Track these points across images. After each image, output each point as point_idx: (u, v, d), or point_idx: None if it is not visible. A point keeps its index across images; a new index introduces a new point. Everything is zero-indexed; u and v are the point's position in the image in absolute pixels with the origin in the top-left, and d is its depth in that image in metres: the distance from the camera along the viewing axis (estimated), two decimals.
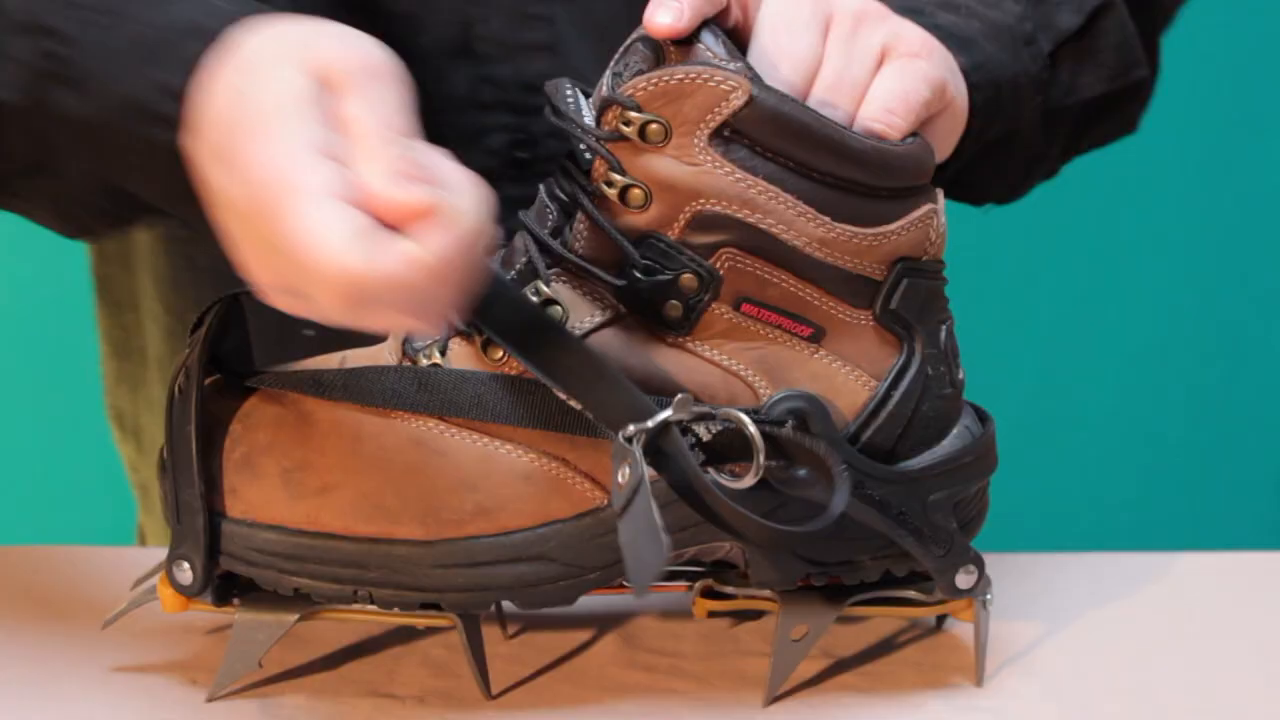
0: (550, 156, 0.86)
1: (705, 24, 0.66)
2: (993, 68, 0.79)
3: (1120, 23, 0.86)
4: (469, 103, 0.86)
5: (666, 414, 0.64)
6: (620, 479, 0.64)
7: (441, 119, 0.87)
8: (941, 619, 0.76)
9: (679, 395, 0.65)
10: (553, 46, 0.85)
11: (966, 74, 0.75)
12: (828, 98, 0.66)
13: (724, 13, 0.66)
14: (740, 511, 0.63)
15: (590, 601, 0.77)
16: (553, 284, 0.66)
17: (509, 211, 0.89)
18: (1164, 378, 1.83)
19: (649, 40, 0.65)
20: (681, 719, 0.68)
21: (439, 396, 0.67)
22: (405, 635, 0.75)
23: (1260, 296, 1.84)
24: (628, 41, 0.67)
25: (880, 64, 0.68)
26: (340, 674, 0.71)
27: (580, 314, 0.66)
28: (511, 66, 0.85)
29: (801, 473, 0.65)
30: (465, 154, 0.89)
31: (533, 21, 0.85)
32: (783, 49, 0.66)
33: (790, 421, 0.66)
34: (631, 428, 0.64)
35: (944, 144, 0.71)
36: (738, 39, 0.67)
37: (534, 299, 0.66)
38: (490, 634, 0.75)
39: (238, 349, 0.72)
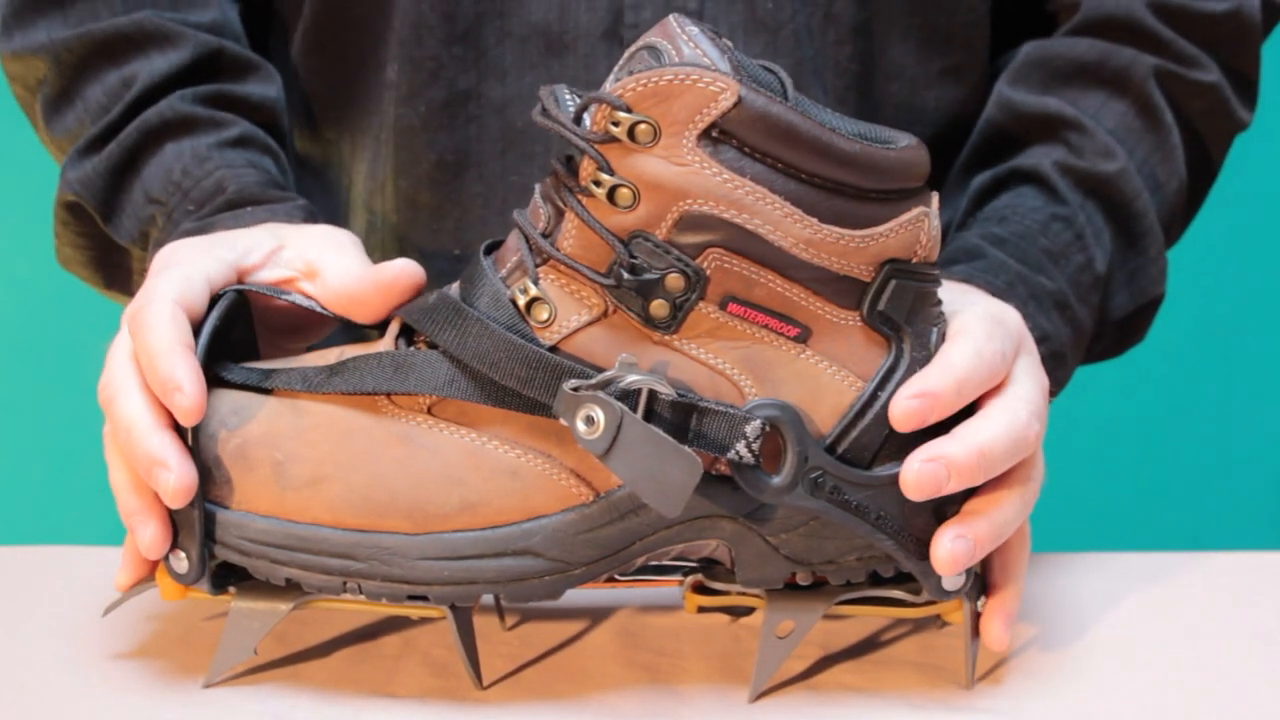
0: None
1: (699, 24, 0.66)
2: (1064, 375, 0.83)
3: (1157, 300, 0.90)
4: None
5: (612, 372, 0.65)
6: (585, 425, 0.65)
7: None
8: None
9: (621, 355, 0.66)
10: None
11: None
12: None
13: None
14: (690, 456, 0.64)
15: (589, 598, 0.78)
16: (540, 283, 0.67)
17: None
18: (1164, 377, 1.83)
19: (654, 50, 0.66)
20: (680, 717, 0.69)
21: (414, 376, 0.68)
22: (405, 636, 0.75)
23: (1261, 295, 1.84)
24: (633, 49, 0.67)
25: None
26: (341, 674, 0.72)
27: (568, 312, 0.67)
28: None
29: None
30: None
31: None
32: None
33: (764, 428, 0.66)
34: (574, 380, 0.65)
35: None
36: None
37: (521, 296, 0.67)
38: (490, 629, 0.75)
39: (243, 342, 0.73)
